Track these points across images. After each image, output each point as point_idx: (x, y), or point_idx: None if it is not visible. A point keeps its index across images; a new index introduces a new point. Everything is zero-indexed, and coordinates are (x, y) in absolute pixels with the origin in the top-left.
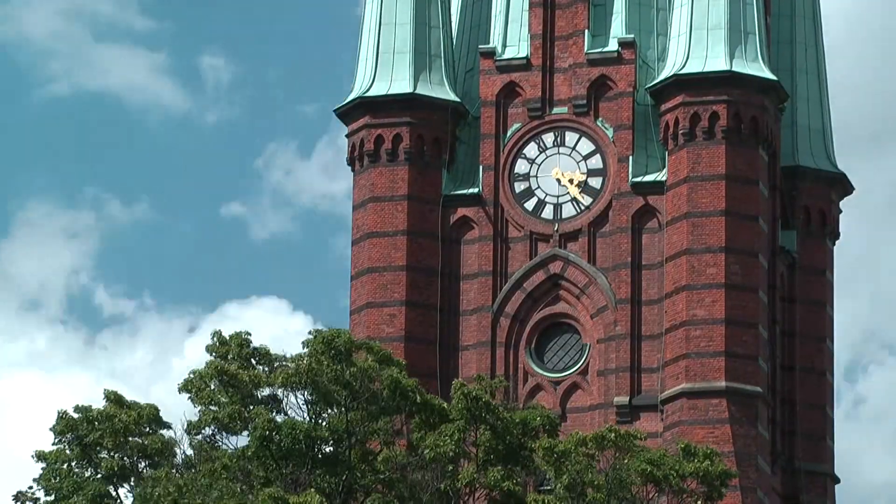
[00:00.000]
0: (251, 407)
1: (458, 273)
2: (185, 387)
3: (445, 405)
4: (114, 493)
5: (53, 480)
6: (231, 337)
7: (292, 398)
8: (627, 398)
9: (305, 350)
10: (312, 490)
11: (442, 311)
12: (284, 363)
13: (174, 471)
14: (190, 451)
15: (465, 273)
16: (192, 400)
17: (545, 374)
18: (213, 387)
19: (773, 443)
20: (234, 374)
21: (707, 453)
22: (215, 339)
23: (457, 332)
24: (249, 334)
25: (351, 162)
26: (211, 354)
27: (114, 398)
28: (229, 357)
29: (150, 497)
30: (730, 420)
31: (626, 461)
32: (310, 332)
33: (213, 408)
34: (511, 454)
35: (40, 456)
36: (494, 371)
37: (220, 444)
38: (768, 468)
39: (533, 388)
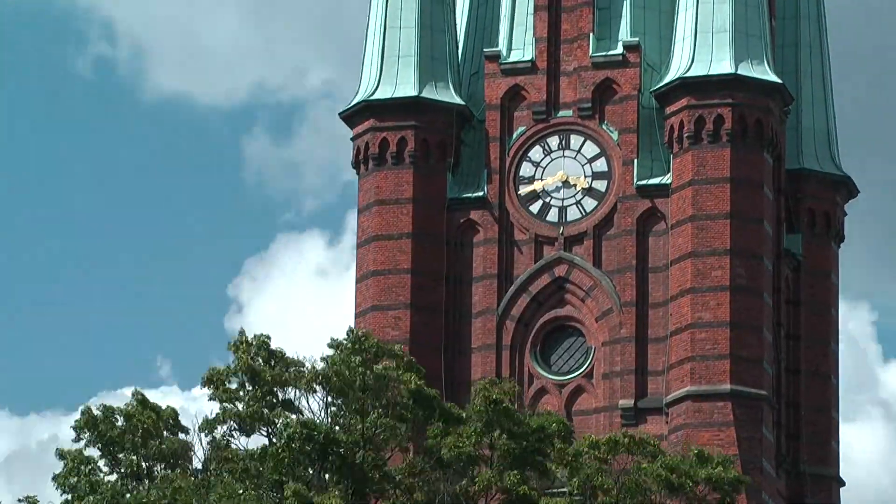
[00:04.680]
0: (272, 408)
1: (464, 276)
2: (209, 380)
3: (462, 413)
4: (128, 496)
5: (70, 480)
6: (253, 338)
7: (311, 400)
8: (632, 401)
9: (336, 351)
10: (335, 492)
11: (447, 315)
12: (303, 367)
13: (191, 472)
14: (203, 454)
15: (471, 276)
16: (213, 396)
17: (550, 377)
18: (234, 384)
19: (778, 446)
20: (259, 371)
21: (720, 460)
22: (238, 339)
23: (462, 336)
24: (269, 337)
25: (356, 165)
26: (235, 352)
27: (140, 399)
28: (252, 357)
29: (145, 499)
30: (735, 423)
31: (643, 466)
32: (347, 332)
33: (231, 405)
34: (526, 459)
35: (62, 454)
36: (500, 374)
37: (234, 444)
38: (773, 471)
39: (538, 391)
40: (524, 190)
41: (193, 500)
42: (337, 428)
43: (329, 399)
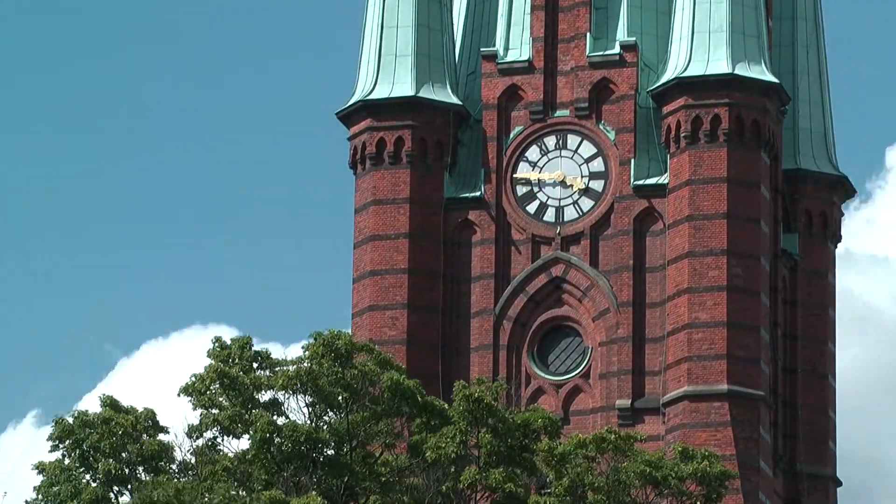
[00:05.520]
0: (253, 410)
1: (461, 276)
2: (186, 390)
3: (446, 406)
4: (112, 498)
5: (52, 489)
6: (233, 341)
7: (293, 401)
8: (629, 401)
9: (306, 353)
10: (314, 493)
11: (444, 314)
12: (285, 367)
13: (172, 474)
14: (189, 455)
15: (468, 276)
16: (192, 403)
17: (547, 377)
18: (213, 390)
19: (775, 446)
20: (234, 377)
21: (705, 455)
22: (216, 343)
23: (459, 336)
24: (251, 338)
25: (353, 165)
26: (212, 359)
27: (110, 403)
28: (230, 361)
29: (148, 500)
30: (731, 423)
31: (624, 463)
32: (310, 335)
33: (213, 411)
34: (513, 456)
35: (40, 468)
36: (497, 374)
37: (221, 447)
38: (770, 471)
39: (535, 391)
40: (519, 176)
41: (196, 501)
42: (323, 427)
43: (309, 399)
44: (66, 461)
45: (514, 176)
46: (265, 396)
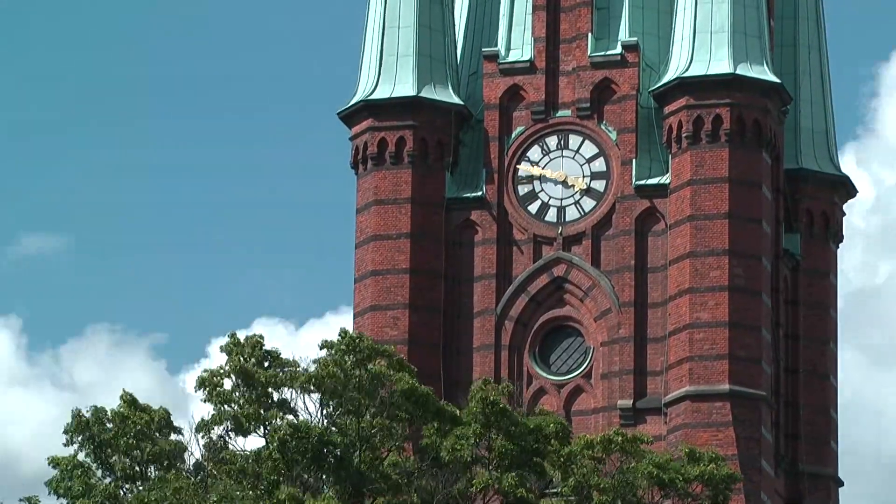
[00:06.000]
0: (267, 409)
1: (462, 276)
2: (201, 384)
3: (458, 412)
4: (128, 496)
5: (65, 483)
6: (246, 339)
7: (307, 401)
8: (631, 401)
9: (325, 352)
10: (330, 493)
11: (446, 315)
12: (300, 367)
13: (183, 473)
14: (199, 455)
15: (469, 276)
16: (206, 398)
17: (549, 377)
18: (228, 386)
19: (777, 446)
20: (252, 373)
21: (712, 457)
22: (231, 339)
23: (461, 336)
24: (262, 338)
25: (354, 165)
26: (227, 354)
27: (129, 399)
28: (245, 358)
29: (145, 499)
30: (733, 423)
31: (632, 465)
32: (340, 333)
33: (227, 407)
34: (524, 460)
35: (54, 462)
36: (498, 374)
37: (231, 445)
38: (772, 471)
39: (537, 391)
40: (522, 171)
41: (193, 500)
42: (333, 429)
43: (324, 400)
44: (81, 456)
45: (517, 167)
46: (280, 395)
